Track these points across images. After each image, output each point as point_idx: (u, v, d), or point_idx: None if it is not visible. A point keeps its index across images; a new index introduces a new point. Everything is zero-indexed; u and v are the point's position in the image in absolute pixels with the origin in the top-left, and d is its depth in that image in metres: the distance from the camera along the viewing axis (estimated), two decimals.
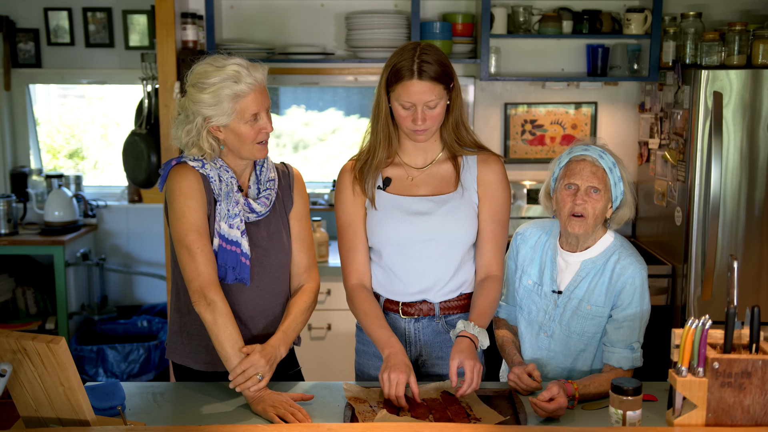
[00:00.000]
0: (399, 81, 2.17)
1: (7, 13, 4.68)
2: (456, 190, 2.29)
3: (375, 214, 2.30)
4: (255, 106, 2.15)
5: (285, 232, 2.31)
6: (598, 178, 2.22)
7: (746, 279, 3.46)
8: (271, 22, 4.10)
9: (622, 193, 2.26)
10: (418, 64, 2.15)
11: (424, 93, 2.16)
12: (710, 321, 1.75)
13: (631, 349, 2.22)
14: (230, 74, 2.12)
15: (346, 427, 1.92)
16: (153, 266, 4.84)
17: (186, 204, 2.15)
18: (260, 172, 2.29)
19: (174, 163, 2.21)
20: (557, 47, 4.13)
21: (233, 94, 2.12)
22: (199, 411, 2.10)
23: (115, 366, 4.31)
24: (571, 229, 2.24)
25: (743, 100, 3.36)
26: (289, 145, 4.64)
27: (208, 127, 2.16)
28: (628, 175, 2.29)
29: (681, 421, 1.77)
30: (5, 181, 4.81)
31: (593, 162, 2.23)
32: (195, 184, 2.16)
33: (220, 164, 2.21)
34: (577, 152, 2.26)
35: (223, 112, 2.13)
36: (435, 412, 2.05)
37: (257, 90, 2.15)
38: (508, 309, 2.45)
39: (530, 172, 4.21)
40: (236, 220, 2.18)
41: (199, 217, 2.15)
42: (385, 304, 2.33)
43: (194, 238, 2.14)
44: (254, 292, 2.26)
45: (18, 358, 1.79)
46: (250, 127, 2.16)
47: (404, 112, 2.20)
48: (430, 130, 2.23)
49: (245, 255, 2.19)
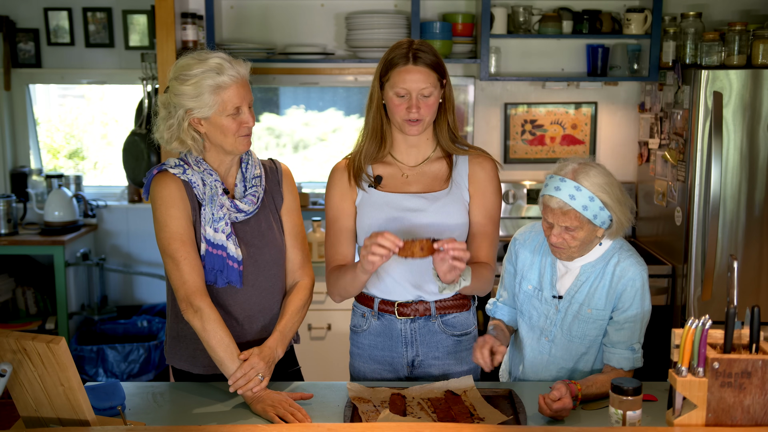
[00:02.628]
0: (394, 68, 2.20)
1: (7, 13, 4.68)
2: (447, 187, 2.30)
3: (367, 211, 2.30)
4: (237, 99, 2.14)
5: (277, 227, 2.30)
6: (570, 218, 2.13)
7: (746, 279, 3.46)
8: (271, 22, 4.10)
9: (609, 218, 2.15)
10: (413, 52, 2.20)
11: (419, 80, 2.18)
12: (710, 321, 1.75)
13: (632, 350, 2.22)
14: (212, 66, 2.11)
15: (346, 427, 1.92)
16: (153, 266, 4.84)
17: (167, 213, 2.15)
18: (245, 170, 2.28)
19: (155, 171, 2.20)
20: (557, 47, 4.13)
21: (215, 85, 2.11)
22: (199, 411, 2.10)
23: (115, 366, 4.31)
24: (556, 256, 2.24)
25: (743, 100, 3.36)
26: (289, 145, 4.64)
27: (190, 119, 2.15)
28: (620, 193, 2.16)
29: (681, 421, 1.77)
30: (5, 181, 4.81)
31: (562, 207, 2.13)
32: (176, 192, 2.15)
33: (204, 167, 2.20)
34: (548, 191, 2.16)
35: (204, 104, 2.12)
36: (439, 411, 2.05)
37: (239, 83, 2.14)
38: (509, 312, 2.44)
39: (530, 172, 4.21)
40: (221, 223, 2.17)
41: (182, 225, 2.15)
42: (379, 305, 2.33)
43: (177, 246, 2.14)
44: (250, 291, 2.25)
45: (18, 358, 1.79)
46: (232, 119, 2.14)
47: (398, 101, 2.21)
48: (424, 121, 2.22)
49: (232, 258, 2.19)
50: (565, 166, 2.18)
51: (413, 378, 2.36)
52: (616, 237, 2.24)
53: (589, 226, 2.15)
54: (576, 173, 2.14)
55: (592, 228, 2.16)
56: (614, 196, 2.14)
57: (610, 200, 2.13)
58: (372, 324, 2.35)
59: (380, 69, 2.25)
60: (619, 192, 2.16)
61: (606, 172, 2.17)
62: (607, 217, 2.15)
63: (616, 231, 2.20)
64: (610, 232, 2.20)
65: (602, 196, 2.12)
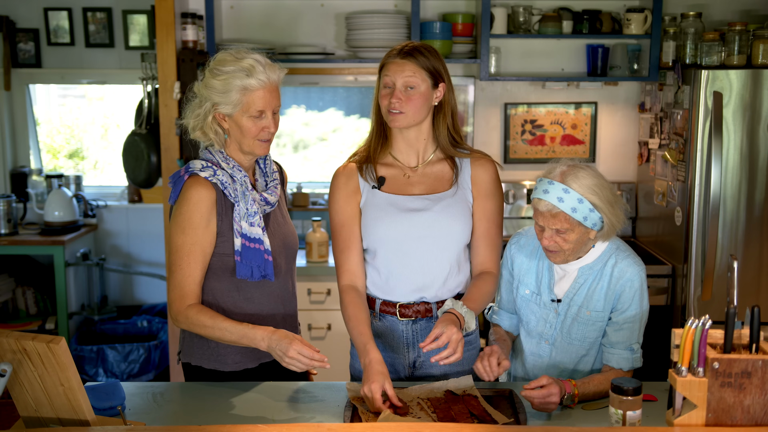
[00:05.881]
0: (386, 61, 2.26)
1: (7, 13, 4.68)
2: (451, 188, 2.31)
3: (370, 213, 2.31)
4: (261, 103, 2.16)
5: (290, 221, 2.39)
6: (559, 221, 2.12)
7: (746, 279, 3.46)
8: (271, 22, 4.10)
9: (600, 219, 2.14)
10: (406, 47, 2.25)
11: (404, 71, 2.21)
12: (710, 321, 1.75)
13: (631, 350, 2.22)
14: (245, 66, 2.14)
15: (346, 427, 1.91)
16: (153, 266, 4.84)
17: (189, 220, 2.16)
18: (264, 165, 2.33)
19: (186, 176, 2.19)
20: (557, 47, 4.12)
21: (242, 86, 2.14)
22: (199, 411, 2.10)
23: (115, 366, 4.31)
24: (550, 259, 2.24)
25: (743, 100, 3.36)
26: (289, 145, 4.64)
27: (215, 113, 2.19)
28: (611, 194, 2.15)
29: (681, 421, 1.77)
30: (5, 181, 4.81)
31: (550, 210, 2.12)
32: (206, 199, 2.16)
33: (233, 164, 2.22)
34: (537, 194, 2.16)
35: (229, 102, 2.16)
36: (439, 411, 2.05)
37: (267, 88, 2.17)
38: (509, 318, 2.43)
39: (530, 172, 4.21)
40: (256, 218, 2.20)
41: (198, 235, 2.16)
42: (381, 306, 2.33)
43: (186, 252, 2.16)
44: (277, 284, 2.29)
45: (18, 358, 1.79)
46: (253, 122, 2.17)
47: (384, 91, 2.25)
48: (407, 115, 2.23)
49: (267, 251, 2.22)
50: (554, 169, 2.17)
51: (414, 379, 2.36)
52: (609, 239, 2.23)
53: (580, 228, 2.14)
54: (564, 175, 2.13)
55: (583, 230, 2.15)
56: (604, 198, 2.13)
57: (600, 202, 2.12)
58: (373, 325, 2.34)
59: (380, 68, 2.29)
60: (609, 193, 2.15)
61: (596, 173, 2.16)
62: (598, 218, 2.14)
63: (607, 233, 2.19)
64: (601, 234, 2.19)
65: (591, 198, 2.11)
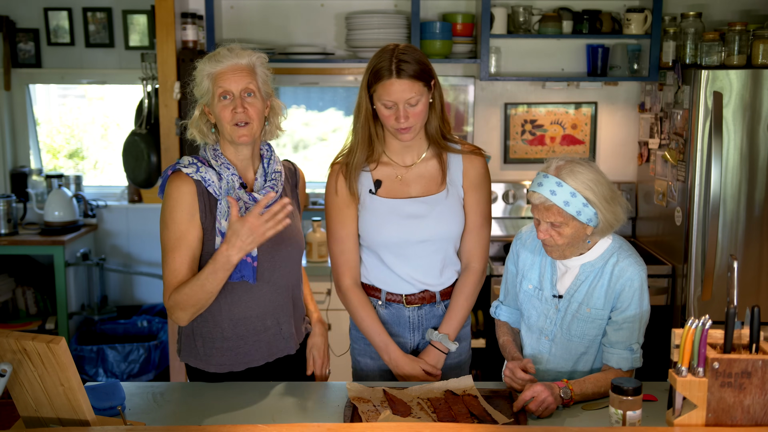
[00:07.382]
0: (379, 81, 2.24)
1: (7, 13, 4.68)
2: (444, 188, 2.37)
3: (370, 218, 2.36)
4: (226, 84, 2.15)
5: (294, 225, 2.31)
6: (553, 214, 2.13)
7: (746, 279, 3.46)
8: (271, 22, 4.10)
9: (595, 215, 2.13)
10: (396, 64, 2.22)
11: (404, 91, 2.23)
12: (710, 321, 1.75)
13: (631, 350, 2.22)
14: (213, 54, 2.18)
15: (346, 427, 1.91)
16: (153, 266, 4.84)
17: (171, 215, 2.17)
18: (268, 165, 2.30)
19: (170, 171, 2.21)
20: (557, 47, 4.12)
21: (210, 72, 2.16)
22: (198, 411, 2.10)
23: (115, 366, 4.31)
24: (547, 253, 2.25)
25: (743, 100, 3.36)
26: (289, 145, 4.64)
27: (202, 107, 2.21)
28: (609, 191, 2.15)
29: (681, 421, 1.77)
30: (5, 181, 4.81)
31: (543, 202, 2.14)
32: (186, 195, 2.16)
33: (222, 161, 2.21)
34: (532, 187, 2.17)
35: (205, 91, 2.18)
36: (439, 411, 2.05)
37: (235, 69, 2.16)
38: (509, 312, 2.45)
39: (530, 172, 4.21)
40: None
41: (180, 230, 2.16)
42: (387, 296, 2.42)
43: (173, 246, 2.16)
44: (264, 288, 2.25)
45: (18, 358, 1.79)
46: (224, 106, 2.16)
47: (387, 112, 2.27)
48: (414, 127, 2.29)
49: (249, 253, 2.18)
50: (551, 164, 2.19)
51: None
52: (605, 235, 2.23)
53: (575, 222, 2.15)
54: (559, 170, 2.15)
55: (579, 225, 2.15)
56: (600, 194, 2.13)
57: (595, 197, 2.12)
58: (380, 313, 2.43)
59: (366, 79, 2.29)
60: (607, 190, 2.15)
61: (594, 169, 2.16)
62: (593, 214, 2.14)
63: (603, 229, 2.19)
64: (597, 230, 2.19)
65: (586, 193, 2.12)
